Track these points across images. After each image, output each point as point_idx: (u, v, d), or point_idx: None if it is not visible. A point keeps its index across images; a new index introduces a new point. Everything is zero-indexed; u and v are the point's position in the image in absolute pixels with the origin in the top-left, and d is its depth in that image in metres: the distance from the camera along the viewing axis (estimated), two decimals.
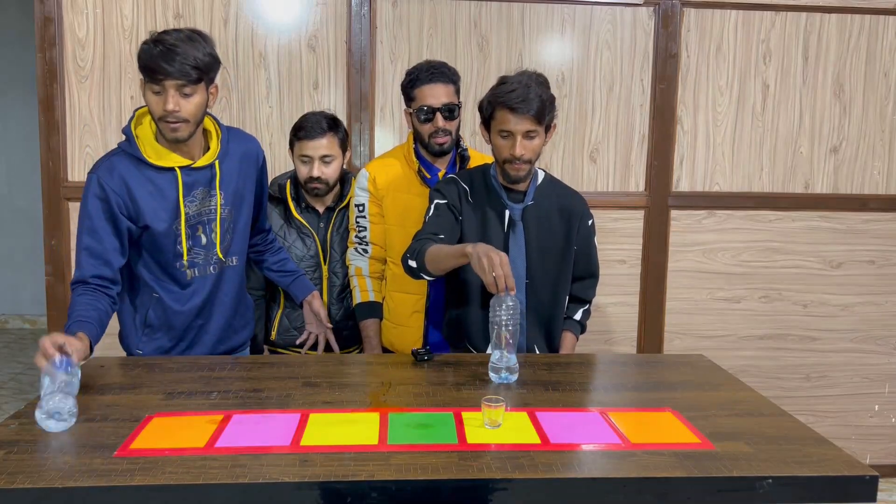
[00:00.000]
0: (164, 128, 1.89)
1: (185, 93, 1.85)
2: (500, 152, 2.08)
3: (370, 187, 2.41)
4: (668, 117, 3.07)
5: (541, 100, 2.01)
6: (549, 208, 2.18)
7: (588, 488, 1.33)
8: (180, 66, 1.82)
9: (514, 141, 2.03)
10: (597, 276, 2.34)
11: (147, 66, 1.83)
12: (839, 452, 1.44)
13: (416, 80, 2.33)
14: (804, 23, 3.09)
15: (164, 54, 1.81)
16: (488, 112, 2.08)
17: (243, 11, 2.88)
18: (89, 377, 1.83)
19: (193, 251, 2.01)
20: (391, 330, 2.44)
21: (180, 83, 1.84)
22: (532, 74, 2.08)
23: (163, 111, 1.85)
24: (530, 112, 2.00)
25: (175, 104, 1.84)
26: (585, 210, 2.25)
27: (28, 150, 5.40)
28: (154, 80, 1.83)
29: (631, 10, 3.02)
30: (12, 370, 4.79)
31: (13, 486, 1.26)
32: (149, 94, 1.87)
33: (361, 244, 2.42)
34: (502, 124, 2.04)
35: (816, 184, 3.18)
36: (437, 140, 2.33)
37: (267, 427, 1.50)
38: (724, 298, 3.19)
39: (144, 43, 1.86)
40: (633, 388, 1.86)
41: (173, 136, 1.90)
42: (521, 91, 2.00)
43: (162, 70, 1.81)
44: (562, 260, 2.19)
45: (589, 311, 2.35)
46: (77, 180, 2.86)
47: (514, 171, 2.07)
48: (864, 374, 3.29)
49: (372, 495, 1.29)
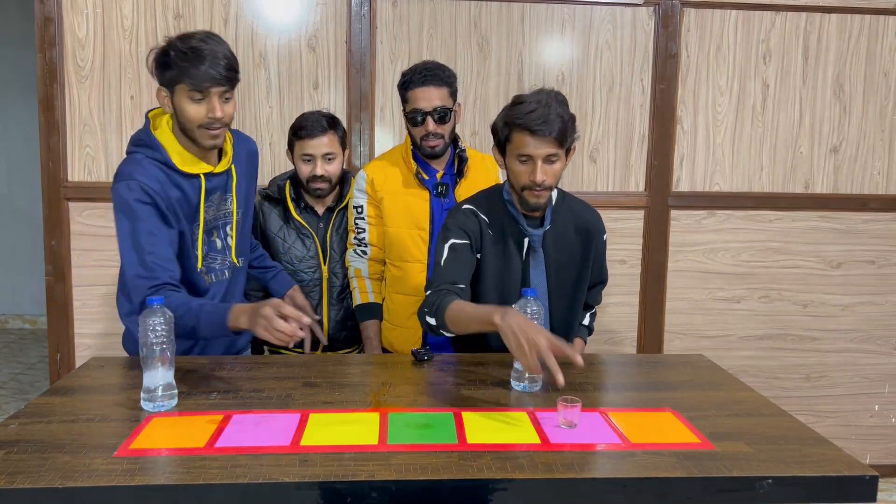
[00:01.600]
0: (202, 135, 1.84)
1: (227, 98, 1.84)
2: (517, 178, 1.92)
3: (368, 189, 2.41)
4: (668, 117, 3.07)
5: (562, 120, 1.86)
6: (565, 228, 2.08)
7: (588, 488, 1.33)
8: (226, 71, 1.79)
9: (533, 166, 1.87)
10: (605, 282, 2.31)
11: (188, 73, 1.77)
12: (839, 452, 1.44)
13: (409, 82, 2.31)
14: (804, 23, 3.09)
15: (205, 58, 1.77)
16: (504, 134, 1.92)
17: (243, 11, 2.88)
18: (89, 377, 1.83)
19: (209, 257, 1.99)
20: (391, 331, 2.44)
21: (224, 89, 1.81)
22: (551, 93, 1.91)
23: (207, 118, 1.81)
24: (552, 134, 1.84)
25: (221, 111, 1.81)
26: (600, 225, 2.16)
27: (28, 150, 5.40)
28: (198, 88, 1.78)
29: (631, 11, 3.02)
30: (12, 370, 4.79)
31: (13, 486, 1.26)
32: (185, 102, 1.81)
33: (360, 246, 2.42)
34: (521, 148, 1.88)
35: (816, 184, 3.18)
36: (428, 143, 2.32)
37: (267, 427, 1.50)
38: (723, 298, 3.19)
39: (172, 48, 1.80)
40: (633, 388, 1.86)
41: (213, 143, 1.86)
42: (542, 112, 1.84)
43: (208, 77, 1.77)
44: (579, 277, 2.11)
45: (595, 313, 2.33)
46: (77, 180, 2.86)
47: (534, 199, 1.92)
48: (864, 374, 3.29)
49: (372, 495, 1.29)
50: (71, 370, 2.79)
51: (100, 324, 2.93)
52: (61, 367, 2.92)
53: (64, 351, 2.93)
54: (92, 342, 2.92)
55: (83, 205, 2.88)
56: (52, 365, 2.94)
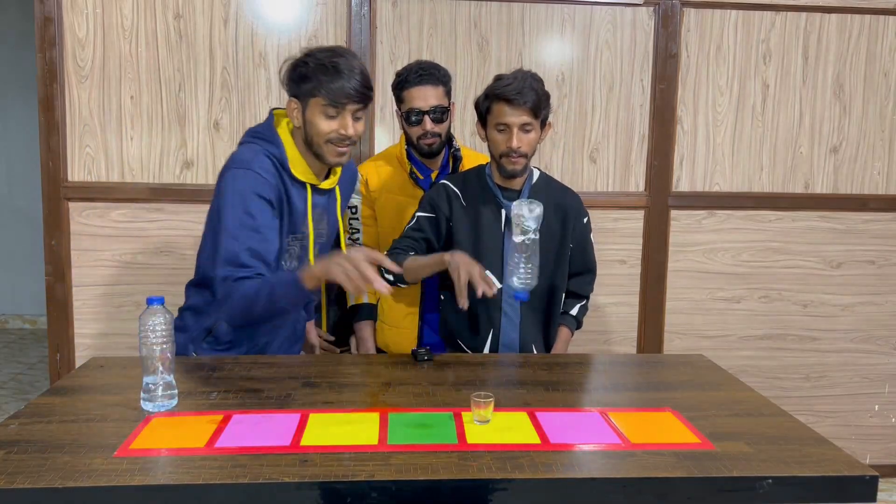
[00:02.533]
0: (329, 151, 1.84)
1: (357, 116, 1.83)
2: (496, 146, 2.09)
3: (362, 189, 2.41)
4: (668, 117, 3.07)
5: (536, 93, 2.04)
6: (544, 207, 2.16)
7: (588, 488, 1.33)
8: (363, 89, 1.79)
9: (510, 134, 2.04)
10: (594, 272, 2.34)
11: (326, 87, 1.77)
12: (839, 452, 1.44)
13: (405, 81, 2.31)
14: (804, 23, 3.09)
15: (345, 76, 1.77)
16: (485, 107, 2.10)
17: (243, 11, 2.88)
18: (89, 377, 1.83)
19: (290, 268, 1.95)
20: (386, 331, 2.43)
21: (358, 107, 1.81)
22: (528, 72, 2.10)
23: (338, 135, 1.81)
24: (526, 104, 2.02)
25: (353, 129, 1.82)
26: (581, 208, 2.25)
27: (28, 150, 5.39)
28: (334, 104, 1.78)
29: (631, 10, 3.02)
30: (12, 370, 4.79)
31: (13, 486, 1.26)
32: (318, 116, 1.81)
33: (355, 246, 2.42)
34: (498, 117, 2.05)
35: (816, 184, 3.18)
36: (425, 142, 2.32)
37: (267, 427, 1.50)
38: (724, 298, 3.19)
39: (312, 60, 1.79)
40: (633, 388, 1.86)
41: (338, 160, 1.86)
42: (518, 84, 2.02)
43: (345, 93, 1.77)
44: (557, 258, 2.19)
45: (586, 306, 2.34)
46: (77, 180, 2.87)
47: (511, 165, 2.08)
48: (864, 374, 3.29)
49: (372, 495, 1.29)
50: (71, 370, 2.79)
51: (100, 324, 2.93)
52: (61, 367, 2.92)
53: (64, 351, 2.93)
54: (92, 342, 2.92)
55: (83, 205, 2.88)
56: (52, 365, 2.94)
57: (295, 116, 1.85)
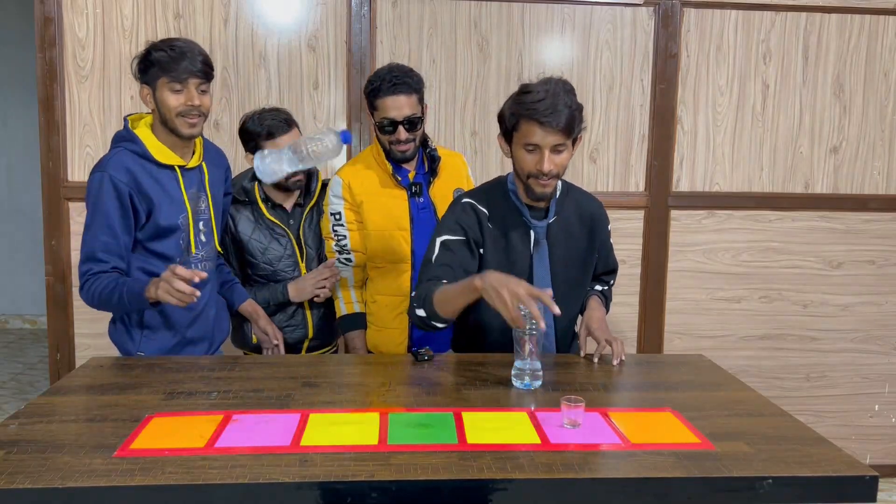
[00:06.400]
0: (180, 123, 2.00)
1: (203, 90, 2.02)
2: (523, 167, 1.90)
3: (345, 194, 2.36)
4: (668, 117, 3.07)
5: (570, 111, 1.84)
6: (570, 219, 2.07)
7: (588, 488, 1.33)
8: (202, 65, 2.00)
9: (540, 155, 1.86)
10: (616, 270, 2.29)
11: (167, 66, 1.96)
12: (839, 452, 1.44)
13: (377, 90, 2.27)
14: (804, 23, 3.09)
15: (184, 55, 1.97)
16: (511, 123, 1.90)
17: (243, 11, 2.88)
18: (89, 377, 1.83)
19: (199, 246, 2.12)
20: (375, 333, 2.42)
21: (200, 81, 2.00)
22: (559, 82, 1.89)
23: (185, 106, 1.98)
24: (559, 125, 1.83)
25: (198, 99, 2.00)
26: (604, 215, 2.15)
27: (28, 150, 5.40)
28: (176, 79, 1.96)
29: (631, 10, 3.02)
30: (12, 370, 4.79)
31: (13, 486, 1.26)
32: (166, 93, 1.98)
33: (343, 253, 2.39)
34: (527, 137, 1.86)
35: (816, 184, 3.18)
36: (399, 149, 2.30)
37: (267, 427, 1.50)
38: (724, 298, 3.19)
39: (154, 49, 1.99)
40: (633, 388, 1.86)
41: (190, 131, 2.02)
42: (550, 102, 1.82)
43: (185, 68, 1.97)
44: (584, 267, 2.11)
45: (612, 286, 2.27)
46: (77, 180, 2.86)
47: (540, 188, 1.91)
48: (864, 374, 3.29)
49: (372, 495, 1.29)
50: (71, 370, 2.79)
51: (100, 324, 2.90)
52: (61, 367, 2.92)
53: (64, 351, 2.93)
54: (92, 342, 2.92)
55: (83, 205, 2.86)
56: (52, 365, 2.94)
57: (148, 101, 2.03)
